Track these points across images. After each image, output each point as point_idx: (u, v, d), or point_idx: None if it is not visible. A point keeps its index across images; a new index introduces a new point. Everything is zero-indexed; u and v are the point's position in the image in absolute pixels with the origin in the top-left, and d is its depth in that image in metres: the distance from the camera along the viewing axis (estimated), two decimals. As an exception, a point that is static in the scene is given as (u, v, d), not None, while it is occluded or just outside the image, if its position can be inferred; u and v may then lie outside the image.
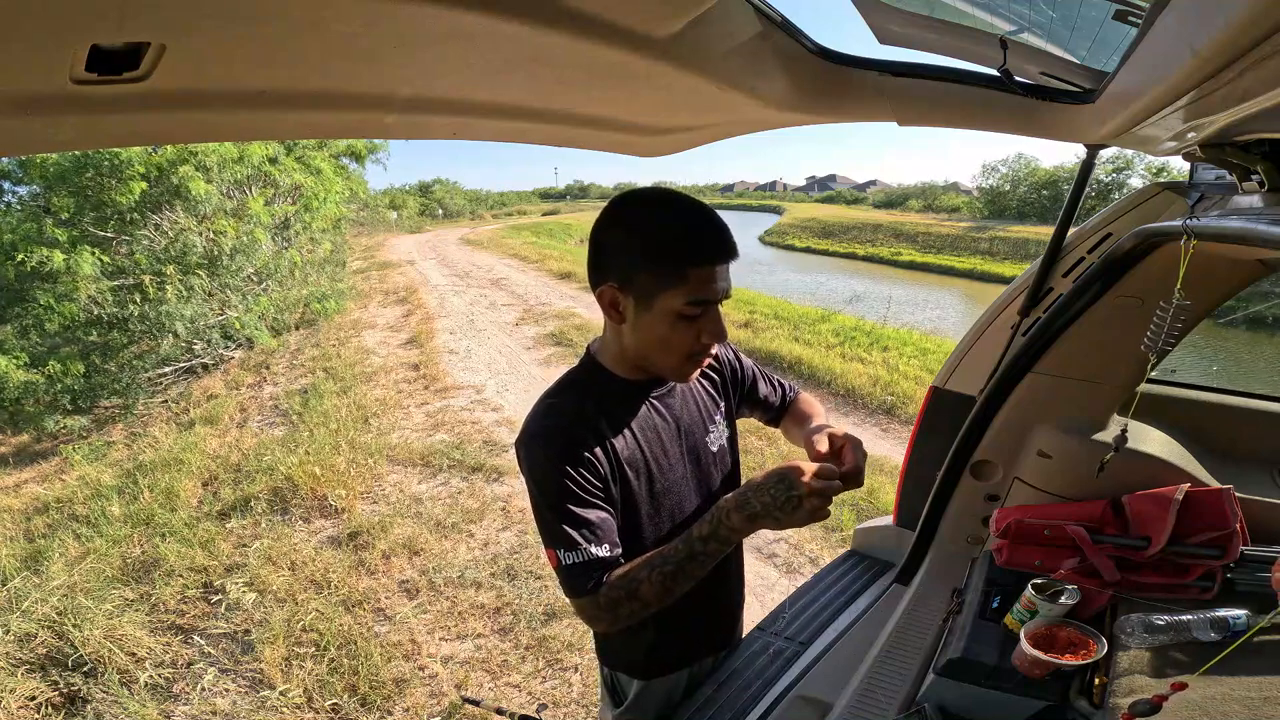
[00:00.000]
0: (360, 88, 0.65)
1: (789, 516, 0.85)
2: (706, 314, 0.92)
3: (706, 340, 0.94)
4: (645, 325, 0.93)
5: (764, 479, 0.87)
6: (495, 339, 8.25)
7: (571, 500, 0.94)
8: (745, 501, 0.87)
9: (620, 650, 1.21)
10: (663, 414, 1.06)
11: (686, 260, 0.88)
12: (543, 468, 0.94)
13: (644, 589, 0.92)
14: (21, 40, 0.39)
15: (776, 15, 0.76)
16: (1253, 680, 0.96)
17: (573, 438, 0.96)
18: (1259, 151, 0.85)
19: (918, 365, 6.27)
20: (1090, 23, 0.88)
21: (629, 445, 1.01)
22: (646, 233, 0.91)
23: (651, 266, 0.90)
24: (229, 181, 8.10)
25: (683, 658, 1.24)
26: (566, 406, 0.99)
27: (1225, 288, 1.33)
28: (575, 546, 0.93)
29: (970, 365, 1.69)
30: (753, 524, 0.88)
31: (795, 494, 0.84)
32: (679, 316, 0.91)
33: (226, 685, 2.77)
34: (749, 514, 0.87)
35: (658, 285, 0.90)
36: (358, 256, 17.70)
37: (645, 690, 1.21)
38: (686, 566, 0.91)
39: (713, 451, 1.11)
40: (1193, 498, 1.29)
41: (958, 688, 1.15)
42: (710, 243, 0.90)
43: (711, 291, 0.90)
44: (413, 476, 4.57)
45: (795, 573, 3.19)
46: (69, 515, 4.54)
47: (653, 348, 0.95)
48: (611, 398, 1.02)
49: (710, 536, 0.90)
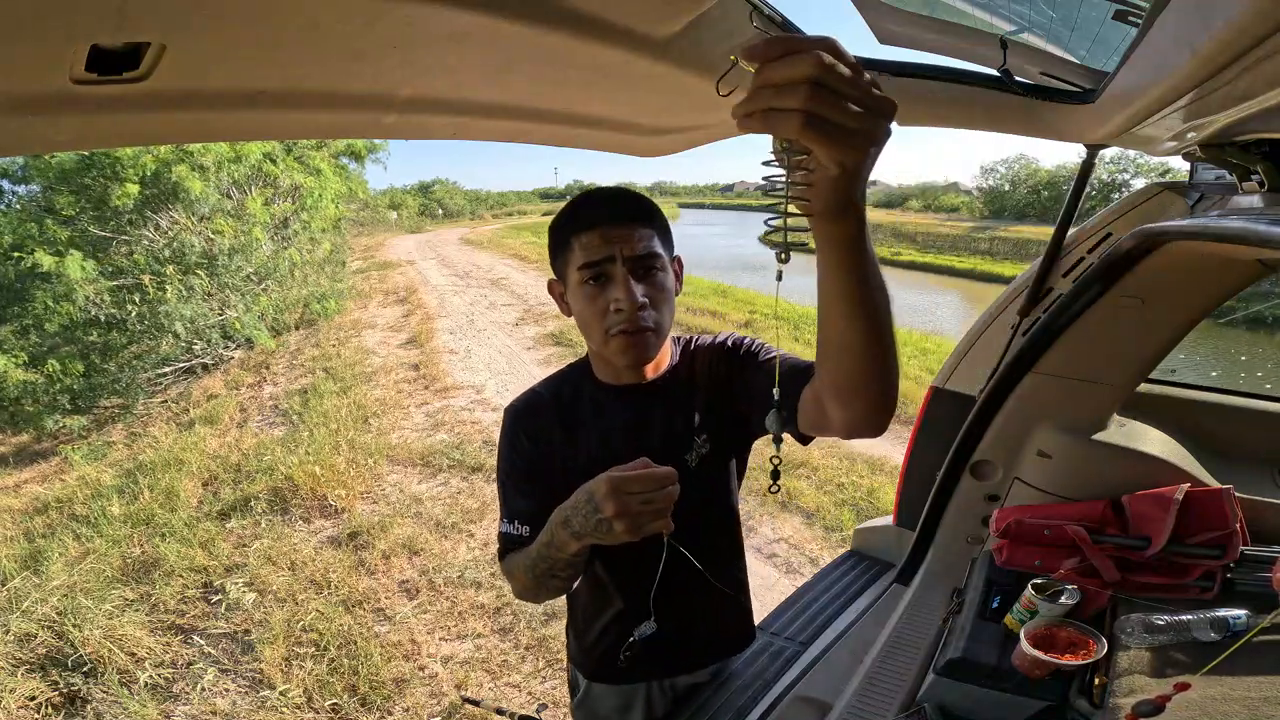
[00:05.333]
0: (360, 88, 0.65)
1: (607, 536, 0.79)
2: (610, 279, 0.89)
3: (614, 307, 0.89)
4: (574, 309, 0.95)
5: (576, 496, 0.83)
6: (495, 339, 8.24)
7: (508, 474, 1.04)
8: (566, 519, 0.84)
9: (570, 644, 1.23)
10: (629, 417, 1.02)
11: (570, 230, 0.91)
12: (501, 437, 1.06)
13: (517, 575, 0.99)
14: (21, 40, 0.39)
15: (776, 15, 0.76)
16: (1253, 680, 0.96)
17: (531, 422, 1.03)
18: (1259, 151, 0.85)
19: (918, 365, 6.27)
20: (1090, 23, 0.88)
21: (589, 444, 1.02)
22: (553, 222, 0.95)
23: (555, 250, 0.95)
24: (227, 181, 8.10)
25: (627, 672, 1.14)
26: (543, 392, 1.07)
27: (1225, 288, 1.33)
28: (503, 516, 1.03)
29: (970, 365, 1.69)
30: (580, 540, 0.84)
31: (600, 517, 0.78)
32: (581, 286, 0.91)
33: (226, 685, 2.77)
34: (571, 532, 0.83)
35: (564, 264, 0.93)
36: (357, 256, 17.70)
37: (592, 690, 1.20)
38: (540, 566, 0.92)
39: (690, 468, 1.01)
40: (1193, 498, 1.29)
41: (958, 688, 1.15)
42: (592, 208, 0.91)
43: (599, 252, 0.88)
44: (413, 476, 4.57)
45: (795, 573, 3.19)
46: (69, 515, 4.54)
47: (584, 330, 0.95)
48: (584, 396, 1.04)
49: (550, 544, 0.89)
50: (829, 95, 0.42)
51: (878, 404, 0.65)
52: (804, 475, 4.14)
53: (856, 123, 0.44)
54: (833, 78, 0.42)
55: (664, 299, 0.93)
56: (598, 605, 1.12)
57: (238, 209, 8.34)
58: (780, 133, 0.45)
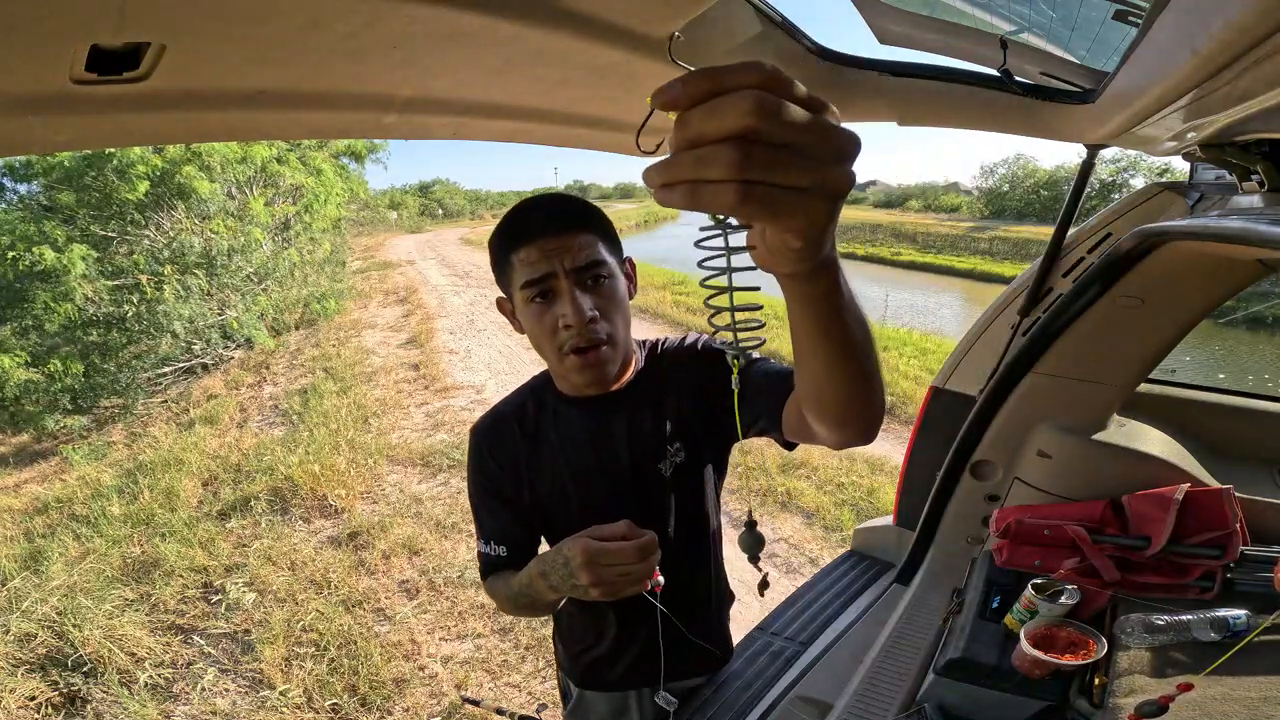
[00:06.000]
0: (360, 88, 0.65)
1: (584, 597, 0.81)
2: (554, 294, 0.85)
3: (564, 324, 0.85)
4: (526, 329, 0.90)
5: (555, 553, 0.83)
6: (495, 339, 8.24)
7: (480, 494, 1.04)
8: (544, 572, 0.85)
9: (558, 651, 1.23)
10: (594, 429, 0.99)
11: (507, 247, 0.86)
12: (469, 459, 1.05)
13: (500, 600, 1.02)
14: (21, 40, 0.39)
15: (776, 15, 0.76)
16: (1253, 680, 0.96)
17: (495, 440, 1.02)
18: (1259, 151, 0.85)
19: (918, 365, 6.27)
20: (1090, 23, 0.88)
21: (553, 459, 1.00)
22: (490, 238, 0.90)
23: (496, 268, 0.90)
24: (231, 181, 8.10)
25: (620, 682, 1.15)
26: (505, 409, 1.05)
27: (1225, 288, 1.33)
28: (478, 536, 1.05)
29: (970, 365, 1.69)
30: (557, 593, 0.86)
31: (576, 582, 0.79)
32: (527, 305, 0.86)
33: (226, 685, 2.77)
34: (549, 584, 0.85)
35: (506, 283, 0.89)
36: (357, 257, 17.69)
37: (585, 697, 1.20)
38: (521, 599, 0.95)
39: (664, 476, 0.99)
40: (1193, 498, 1.29)
41: (958, 688, 1.15)
42: (526, 221, 0.86)
43: (539, 268, 0.83)
44: (413, 476, 4.57)
45: (795, 573, 3.19)
46: (69, 515, 4.54)
47: (537, 348, 0.91)
48: (548, 410, 1.01)
49: (529, 585, 0.90)
50: (770, 153, 0.30)
51: (864, 424, 0.63)
52: (804, 475, 4.14)
53: (810, 179, 0.32)
54: (773, 126, 0.30)
55: (615, 308, 0.88)
56: (584, 617, 1.13)
57: (240, 209, 8.34)
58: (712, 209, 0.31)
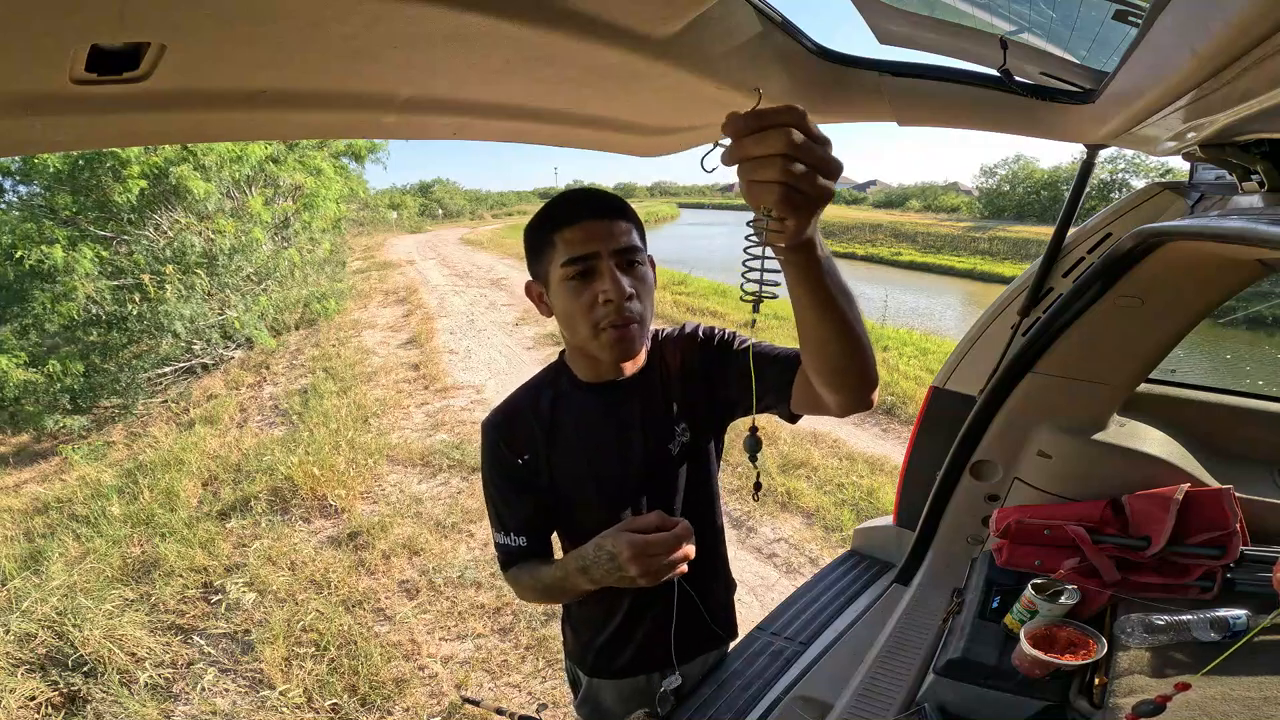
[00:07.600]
0: (360, 88, 0.65)
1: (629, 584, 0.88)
2: (595, 273, 0.91)
3: (603, 299, 0.90)
4: (557, 307, 0.96)
5: (595, 550, 0.90)
6: (495, 339, 8.24)
7: (497, 486, 1.07)
8: (585, 568, 0.92)
9: (570, 642, 1.25)
10: (610, 414, 1.05)
11: (550, 228, 0.92)
12: (483, 453, 1.08)
13: (525, 590, 1.07)
14: (21, 40, 0.39)
15: (776, 15, 0.76)
16: (1253, 680, 0.96)
17: (510, 432, 1.05)
18: (1259, 151, 0.85)
19: (918, 365, 6.27)
20: (1090, 23, 0.88)
21: (572, 445, 1.05)
22: (530, 223, 0.97)
23: (534, 250, 0.96)
24: (228, 181, 8.09)
25: (630, 666, 1.19)
26: (519, 400, 1.08)
27: (1225, 288, 1.33)
28: (496, 529, 1.08)
29: (970, 365, 1.69)
30: (596, 584, 0.93)
31: (622, 574, 0.87)
32: (565, 282, 0.92)
33: (226, 685, 2.77)
34: (590, 579, 0.92)
35: (545, 263, 0.94)
36: (357, 256, 17.69)
37: (593, 686, 1.22)
38: (553, 590, 1.03)
39: (673, 455, 1.06)
40: (1193, 498, 1.29)
41: (958, 688, 1.15)
42: (572, 205, 0.93)
43: (584, 247, 0.90)
44: (413, 476, 4.57)
45: (795, 573, 3.19)
46: (69, 515, 4.54)
47: (569, 327, 0.96)
48: (565, 395, 1.06)
49: (564, 578, 0.97)
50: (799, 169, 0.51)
51: (861, 382, 0.79)
52: (804, 475, 4.14)
53: (817, 191, 0.53)
54: (801, 152, 0.50)
55: (647, 292, 0.95)
56: (597, 603, 1.13)
57: (239, 209, 8.34)
58: (761, 203, 0.53)
